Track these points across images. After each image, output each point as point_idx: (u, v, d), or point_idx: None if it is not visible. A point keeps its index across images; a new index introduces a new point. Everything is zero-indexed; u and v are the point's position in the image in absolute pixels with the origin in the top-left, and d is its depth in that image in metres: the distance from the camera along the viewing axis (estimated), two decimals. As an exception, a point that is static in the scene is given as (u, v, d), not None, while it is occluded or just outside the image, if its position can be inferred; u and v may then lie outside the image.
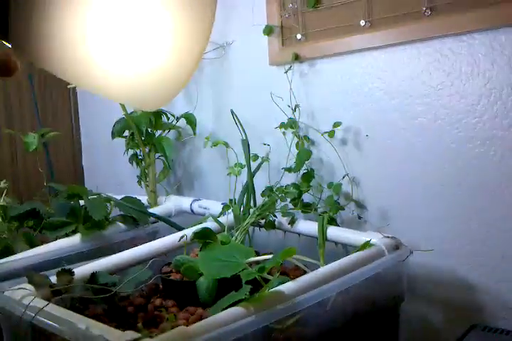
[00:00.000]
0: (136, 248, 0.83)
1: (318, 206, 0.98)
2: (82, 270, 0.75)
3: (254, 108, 1.14)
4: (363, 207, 0.98)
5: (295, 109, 1.02)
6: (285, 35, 1.09)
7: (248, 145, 0.99)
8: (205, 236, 0.75)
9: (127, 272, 0.75)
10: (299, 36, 1.06)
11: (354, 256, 0.72)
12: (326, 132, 0.99)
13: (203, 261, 0.69)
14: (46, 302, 0.60)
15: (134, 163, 1.24)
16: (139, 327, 0.63)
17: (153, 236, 1.05)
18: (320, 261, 0.82)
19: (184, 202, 1.12)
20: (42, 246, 0.90)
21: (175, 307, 0.73)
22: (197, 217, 1.10)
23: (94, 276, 0.73)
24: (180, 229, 0.98)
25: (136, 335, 0.48)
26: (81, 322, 0.54)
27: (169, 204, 1.13)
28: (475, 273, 0.85)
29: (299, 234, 0.93)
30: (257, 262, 0.76)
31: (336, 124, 0.97)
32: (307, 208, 0.96)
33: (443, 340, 0.88)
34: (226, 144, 0.97)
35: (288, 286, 0.61)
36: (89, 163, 1.66)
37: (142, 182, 1.23)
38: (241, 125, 1.00)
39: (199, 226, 0.89)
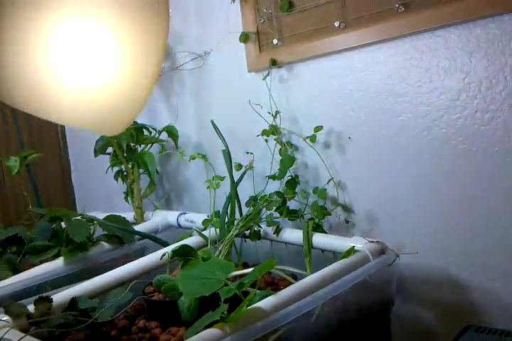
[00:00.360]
0: (117, 269, 0.81)
1: (305, 212, 0.96)
2: (62, 295, 0.73)
3: (236, 116, 1.12)
4: (350, 210, 0.96)
5: (276, 115, 1.00)
6: (262, 41, 1.07)
7: (229, 155, 0.97)
8: (184, 254, 0.73)
9: (108, 295, 0.73)
10: (275, 41, 1.04)
11: (338, 264, 0.69)
12: (307, 137, 0.96)
13: (182, 280, 0.67)
14: (22, 335, 0.58)
15: (120, 180, 1.23)
16: None
17: (142, 252, 1.03)
18: (307, 270, 0.80)
19: (170, 217, 1.10)
20: (25, 272, 0.88)
21: (158, 329, 0.71)
22: (184, 231, 1.08)
23: (73, 302, 0.71)
24: (165, 245, 0.96)
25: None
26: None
27: (155, 219, 1.11)
28: (466, 272, 0.83)
29: (285, 243, 0.90)
30: (243, 275, 0.74)
31: (317, 129, 0.95)
32: (293, 215, 0.94)
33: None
34: (204, 157, 0.94)
35: (267, 302, 0.58)
36: (79, 182, 1.64)
37: (129, 199, 1.22)
38: (221, 135, 0.98)
39: (178, 244, 0.87)
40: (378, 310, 0.74)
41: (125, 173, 1.21)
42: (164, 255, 0.79)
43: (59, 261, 0.90)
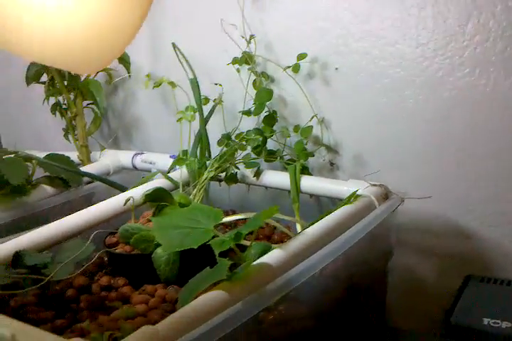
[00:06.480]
0: (69, 216, 0.66)
1: (284, 153, 0.85)
2: (1, 249, 0.59)
3: (201, 41, 0.95)
4: (334, 152, 0.86)
5: (250, 40, 0.86)
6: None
7: (198, 85, 0.82)
8: (159, 198, 0.60)
9: (61, 248, 0.59)
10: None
11: (343, 211, 0.60)
12: (288, 66, 0.84)
13: (160, 229, 0.55)
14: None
15: (58, 114, 1.05)
16: (86, 327, 0.48)
17: (89, 199, 0.89)
18: (295, 217, 0.70)
19: (124, 157, 0.96)
20: None
21: (127, 287, 0.59)
22: (141, 173, 0.94)
23: (18, 257, 0.57)
24: (122, 189, 0.82)
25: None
26: (4, 326, 0.39)
27: (105, 160, 0.95)
28: (465, 218, 0.77)
29: (265, 186, 0.80)
30: (225, 225, 0.63)
31: (301, 56, 0.82)
32: (271, 156, 0.83)
33: (435, 293, 0.80)
34: (172, 83, 0.79)
35: (274, 257, 0.48)
36: (4, 118, 1.42)
37: (70, 136, 1.04)
38: (186, 61, 0.83)
39: (147, 186, 0.73)
40: (377, 262, 0.66)
41: (64, 106, 1.03)
42: (129, 200, 0.66)
43: (-9, 208, 0.75)
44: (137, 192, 0.71)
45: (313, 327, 0.55)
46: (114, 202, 0.70)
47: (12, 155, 0.80)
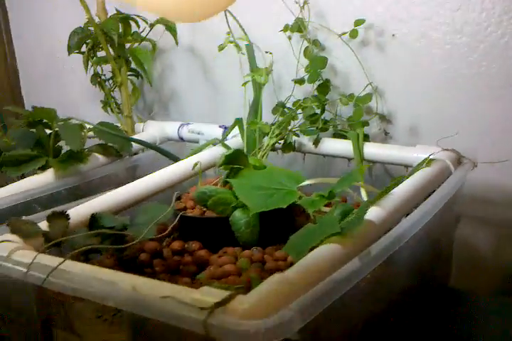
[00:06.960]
0: (137, 181, 0.65)
1: (338, 122, 0.83)
2: (73, 212, 0.58)
3: (248, 7, 0.93)
4: (388, 121, 0.85)
5: (303, 6, 0.84)
6: None
7: (253, 51, 0.81)
8: (236, 160, 0.58)
9: (139, 210, 0.59)
10: None
11: (422, 175, 0.59)
12: (344, 33, 0.82)
13: (242, 191, 0.54)
14: (56, 259, 0.43)
15: (94, 85, 1.02)
16: (200, 279, 0.47)
17: (134, 170, 0.88)
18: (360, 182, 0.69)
19: (169, 128, 0.94)
20: (4, 188, 0.70)
21: (204, 250, 0.58)
22: (187, 144, 0.93)
23: (94, 219, 0.56)
24: (175, 159, 0.81)
25: (224, 293, 0.33)
26: (122, 279, 0.38)
27: (151, 131, 0.94)
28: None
29: (323, 155, 0.78)
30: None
31: (359, 22, 0.80)
32: (326, 125, 0.81)
33: (495, 263, 0.80)
34: (237, 46, 0.77)
35: (375, 215, 0.47)
36: (31, 90, 1.39)
37: (109, 108, 1.03)
38: (241, 27, 0.81)
39: (204, 154, 0.73)
40: (448, 228, 0.65)
41: (103, 77, 1.01)
42: (196, 165, 0.65)
43: (47, 175, 0.73)
44: (199, 160, 0.70)
45: (394, 290, 0.54)
46: (177, 169, 0.69)
47: (64, 122, 0.79)
